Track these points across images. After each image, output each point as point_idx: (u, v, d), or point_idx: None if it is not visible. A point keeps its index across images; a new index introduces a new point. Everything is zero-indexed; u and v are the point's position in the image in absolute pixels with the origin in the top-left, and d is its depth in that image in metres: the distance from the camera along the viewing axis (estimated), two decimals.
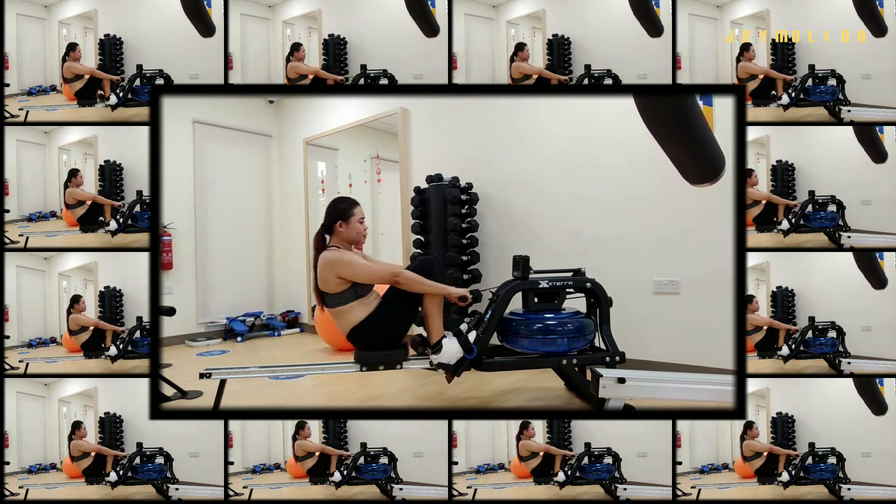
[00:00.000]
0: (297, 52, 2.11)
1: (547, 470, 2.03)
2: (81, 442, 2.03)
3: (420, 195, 3.77)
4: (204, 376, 2.29)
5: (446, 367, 2.30)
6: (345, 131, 4.93)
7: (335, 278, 2.27)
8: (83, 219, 2.06)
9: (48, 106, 2.05)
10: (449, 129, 4.06)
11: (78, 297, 2.07)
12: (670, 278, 2.99)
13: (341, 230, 2.38)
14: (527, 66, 2.10)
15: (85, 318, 2.06)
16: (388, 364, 2.30)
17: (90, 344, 2.06)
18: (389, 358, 2.31)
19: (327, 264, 2.29)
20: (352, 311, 2.30)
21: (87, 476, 2.02)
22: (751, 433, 2.01)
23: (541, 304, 2.43)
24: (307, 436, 2.05)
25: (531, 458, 2.03)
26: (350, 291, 2.30)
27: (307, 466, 2.03)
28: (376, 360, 2.30)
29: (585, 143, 3.30)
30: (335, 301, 2.31)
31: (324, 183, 5.40)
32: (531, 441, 2.03)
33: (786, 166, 2.04)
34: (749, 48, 2.03)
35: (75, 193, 2.06)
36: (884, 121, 1.99)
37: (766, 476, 2.00)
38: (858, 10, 1.99)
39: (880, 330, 2.00)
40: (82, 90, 2.04)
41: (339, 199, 2.45)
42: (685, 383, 2.19)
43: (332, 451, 2.04)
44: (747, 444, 2.01)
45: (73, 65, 2.03)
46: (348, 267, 2.27)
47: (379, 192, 5.56)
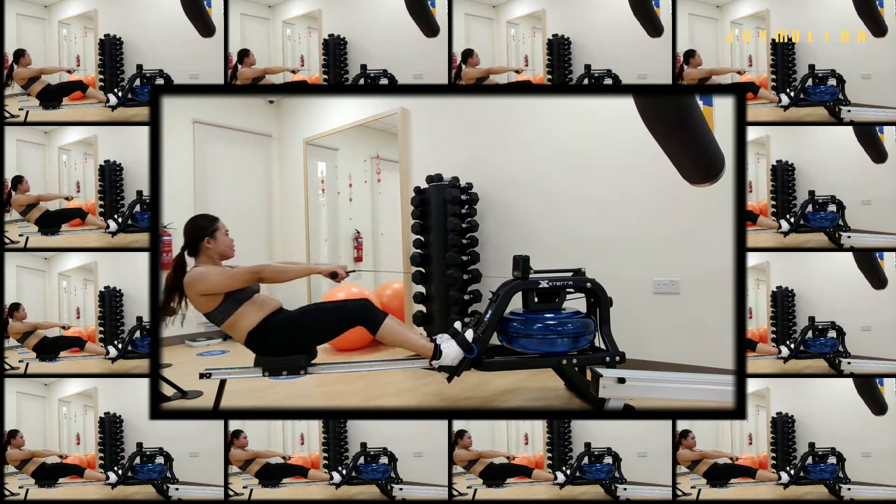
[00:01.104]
0: (247, 58, 2.08)
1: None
2: (14, 451, 2.00)
3: (420, 195, 3.77)
4: (204, 376, 2.30)
5: (449, 369, 2.30)
6: (345, 131, 4.93)
7: (200, 297, 2.24)
8: (41, 221, 2.04)
9: None
10: (449, 129, 4.06)
11: (17, 305, 2.04)
12: (670, 278, 2.99)
13: (209, 246, 2.34)
14: (473, 70, 2.08)
15: (23, 325, 2.03)
16: (291, 369, 2.26)
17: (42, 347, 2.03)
18: (291, 363, 2.26)
19: (187, 287, 2.24)
20: (240, 318, 2.26)
21: (36, 479, 2.00)
22: (686, 442, 1.99)
23: (541, 304, 2.43)
24: (243, 444, 2.02)
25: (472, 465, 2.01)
26: (227, 302, 2.25)
27: (253, 471, 2.01)
28: (278, 364, 2.26)
29: (585, 143, 3.30)
30: (218, 317, 2.27)
31: (324, 183, 5.41)
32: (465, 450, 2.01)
33: (786, 166, 2.04)
34: (694, 54, 2.02)
35: (19, 200, 2.03)
36: (884, 121, 1.99)
37: (716, 480, 1.99)
38: (858, 10, 1.99)
39: (880, 330, 2.00)
40: (44, 91, 2.02)
41: (199, 217, 2.42)
42: (685, 383, 2.19)
43: (266, 453, 2.01)
44: (680, 455, 1.99)
45: (22, 70, 2.01)
46: (203, 281, 2.23)
47: (379, 192, 5.57)
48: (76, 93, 2.04)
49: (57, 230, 2.04)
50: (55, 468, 2.01)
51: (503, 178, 3.71)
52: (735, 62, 2.05)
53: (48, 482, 2.00)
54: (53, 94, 2.03)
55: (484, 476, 2.00)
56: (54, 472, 2.01)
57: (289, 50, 2.14)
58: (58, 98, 2.03)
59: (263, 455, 2.01)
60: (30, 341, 2.03)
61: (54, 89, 2.04)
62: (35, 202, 2.04)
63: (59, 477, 2.01)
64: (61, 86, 2.04)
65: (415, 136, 4.31)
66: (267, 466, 2.00)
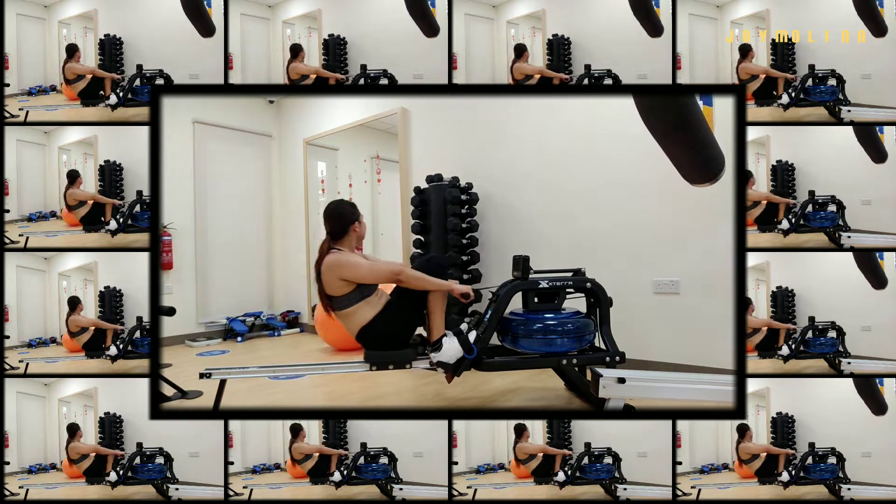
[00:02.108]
0: (301, 52, 2.11)
1: (547, 470, 2.03)
2: (79, 444, 2.02)
3: (420, 195, 3.77)
4: (204, 376, 2.30)
5: (445, 367, 2.30)
6: (345, 131, 4.93)
7: (338, 281, 2.28)
8: (86, 219, 2.06)
9: (48, 106, 2.05)
10: (449, 129, 4.06)
11: (76, 300, 2.07)
12: (670, 278, 2.99)
13: (356, 232, 2.41)
14: (527, 66, 2.10)
15: (84, 319, 2.06)
16: (397, 363, 2.32)
17: (91, 344, 2.06)
18: (399, 357, 2.33)
19: (329, 268, 2.29)
20: (358, 312, 2.31)
21: (87, 476, 2.02)
22: (746, 436, 2.01)
23: (541, 304, 2.43)
24: (303, 437, 2.05)
25: (529, 460, 2.03)
26: (355, 293, 2.30)
27: (307, 468, 2.03)
28: (386, 359, 2.31)
29: (585, 143, 3.30)
30: (341, 304, 2.31)
31: (324, 183, 5.40)
32: (527, 443, 2.03)
33: (786, 166, 2.04)
34: (749, 49, 2.03)
35: (76, 194, 2.06)
36: (884, 121, 1.99)
37: (766, 476, 2.00)
38: (858, 10, 1.99)
39: (880, 330, 2.00)
40: (85, 90, 2.04)
41: (342, 203, 2.46)
42: (685, 383, 2.19)
43: (329, 451, 2.04)
44: (743, 447, 2.01)
45: (75, 66, 2.03)
46: (350, 268, 2.28)
47: (379, 192, 5.56)
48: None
49: (100, 227, 2.07)
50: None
51: (503, 178, 3.71)
52: (735, 62, 2.05)
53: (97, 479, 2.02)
54: (92, 92, 2.05)
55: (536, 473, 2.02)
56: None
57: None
58: (95, 96, 2.05)
59: (327, 451, 2.03)
60: (82, 338, 2.06)
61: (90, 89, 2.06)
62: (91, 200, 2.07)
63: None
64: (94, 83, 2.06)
65: (415, 136, 4.31)
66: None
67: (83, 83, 2.04)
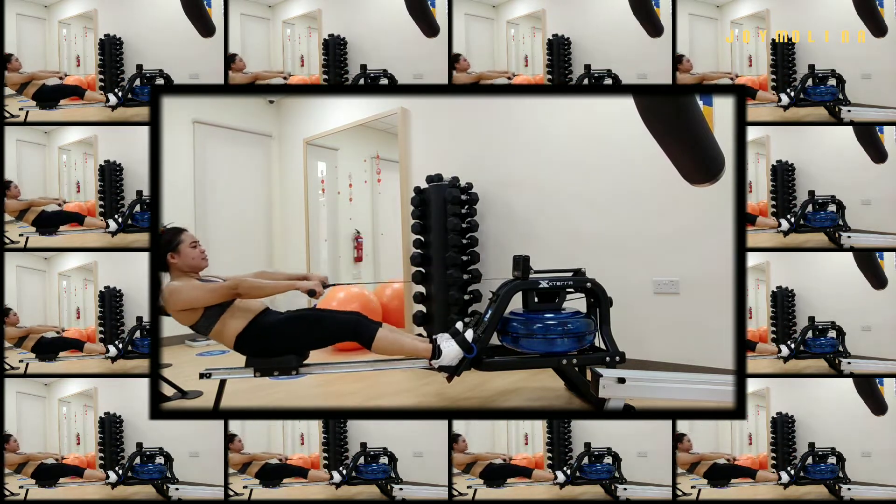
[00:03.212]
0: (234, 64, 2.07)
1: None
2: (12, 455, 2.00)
3: (420, 195, 3.77)
4: (204, 376, 2.30)
5: (448, 369, 2.30)
6: (345, 131, 4.93)
7: (181, 313, 2.24)
8: (37, 223, 2.03)
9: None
10: (449, 129, 4.06)
11: (7, 310, 2.02)
12: (670, 278, 2.99)
13: (174, 261, 2.31)
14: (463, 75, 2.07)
15: (17, 330, 2.03)
16: (282, 370, 2.27)
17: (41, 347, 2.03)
18: (281, 364, 2.27)
19: (165, 303, 2.23)
20: (225, 326, 2.27)
21: (37, 479, 2.00)
22: (682, 445, 1.99)
23: (541, 304, 2.43)
24: (239, 448, 2.02)
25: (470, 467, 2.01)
26: (210, 312, 2.26)
27: (253, 472, 2.01)
28: (268, 365, 2.27)
29: (585, 143, 3.30)
30: (204, 327, 2.27)
31: (324, 183, 5.41)
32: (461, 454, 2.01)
33: (786, 166, 2.04)
34: (682, 59, 2.02)
35: (12, 205, 2.02)
36: (884, 121, 1.99)
37: (715, 480, 1.99)
38: (858, 10, 1.99)
39: (880, 330, 2.00)
40: (38, 94, 2.02)
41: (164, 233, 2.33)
42: (685, 383, 2.19)
43: (262, 456, 2.01)
44: (680, 458, 1.99)
45: (12, 76, 2.00)
46: (182, 295, 2.22)
47: (379, 192, 5.57)
48: (73, 97, 2.04)
49: (55, 230, 2.04)
50: (54, 469, 2.01)
51: (503, 178, 3.71)
52: (735, 62, 2.05)
53: (48, 482, 2.00)
54: (49, 95, 2.03)
55: (484, 476, 2.00)
56: (53, 473, 2.01)
57: (289, 50, 2.14)
58: (55, 99, 2.03)
59: (260, 458, 2.01)
60: (27, 343, 2.03)
61: (49, 90, 2.03)
62: (27, 207, 2.03)
63: (58, 477, 2.01)
64: (57, 87, 2.04)
65: (415, 136, 4.31)
66: (266, 468, 2.00)
67: (34, 87, 2.01)
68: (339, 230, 5.51)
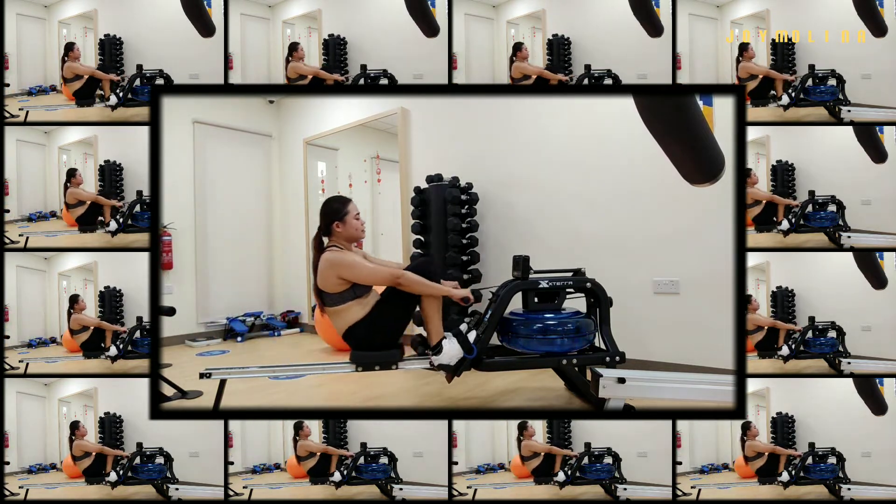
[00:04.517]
0: (296, 52, 2.11)
1: (548, 470, 2.03)
2: (84, 442, 2.03)
3: (420, 195, 3.76)
4: (204, 376, 2.29)
5: (447, 368, 2.30)
6: (345, 131, 4.93)
7: (336, 279, 2.28)
8: (82, 219, 2.06)
9: (48, 106, 2.05)
10: (449, 129, 4.06)
11: (77, 297, 2.07)
12: (670, 278, 2.99)
13: (339, 230, 2.38)
14: (527, 65, 2.10)
15: (86, 318, 2.06)
16: (383, 364, 2.30)
17: (90, 344, 2.06)
18: (385, 358, 2.31)
19: (329, 265, 2.28)
20: (349, 310, 2.30)
21: (87, 476, 2.02)
22: (750, 433, 2.01)
23: (541, 304, 2.43)
24: (307, 435, 2.05)
25: (533, 458, 2.03)
26: (349, 291, 2.30)
27: (308, 466, 2.03)
28: (372, 360, 2.30)
29: (585, 143, 3.30)
30: (334, 301, 2.31)
31: (324, 183, 5.40)
32: (533, 441, 2.03)
33: (786, 166, 2.04)
34: (748, 48, 2.03)
35: (76, 193, 2.06)
36: (884, 121, 1.99)
37: (767, 476, 2.00)
38: (858, 10, 1.99)
39: (880, 330, 2.00)
40: (81, 90, 2.04)
41: (332, 200, 2.44)
42: (685, 383, 2.19)
43: (333, 451, 2.04)
44: (749, 445, 2.01)
45: (74, 65, 2.03)
46: (350, 268, 2.28)
47: (379, 192, 5.56)
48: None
49: (95, 228, 2.07)
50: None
51: (503, 178, 3.71)
52: (735, 62, 2.05)
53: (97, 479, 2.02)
54: (88, 92, 2.05)
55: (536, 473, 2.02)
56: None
57: (287, 50, 2.13)
58: (91, 96, 2.05)
59: (331, 451, 2.04)
60: (80, 336, 2.06)
61: (85, 90, 2.05)
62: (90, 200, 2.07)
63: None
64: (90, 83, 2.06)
65: (415, 136, 4.31)
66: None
67: (80, 83, 2.04)
68: None
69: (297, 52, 2.11)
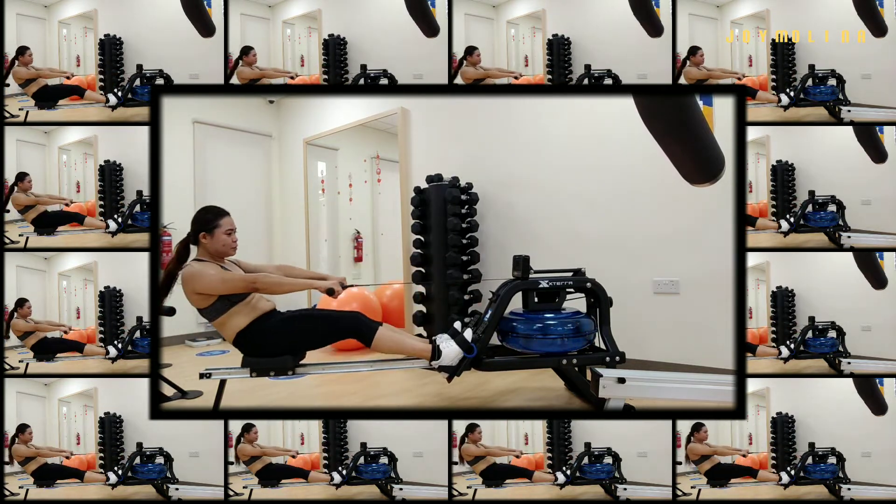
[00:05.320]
0: (246, 56, 2.06)
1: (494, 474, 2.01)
2: (20, 446, 1.99)
3: (420, 195, 3.77)
4: (204, 376, 2.30)
5: (448, 369, 2.30)
6: (345, 131, 4.93)
7: (194, 295, 2.24)
8: (37, 221, 2.03)
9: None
10: (449, 129, 4.06)
11: (24, 301, 2.03)
12: (670, 278, 2.99)
13: (205, 241, 2.35)
14: (474, 70, 2.07)
15: (26, 324, 2.03)
16: (278, 370, 2.27)
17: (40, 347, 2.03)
18: (278, 364, 2.27)
19: (185, 282, 2.24)
20: (229, 321, 2.27)
21: (35, 479, 1.99)
22: (697, 436, 1.99)
23: (541, 304, 2.43)
24: (253, 439, 2.02)
25: (477, 461, 2.01)
26: (219, 303, 2.26)
27: (255, 469, 2.01)
28: (264, 365, 2.27)
29: (585, 143, 3.30)
30: (209, 315, 2.28)
31: (324, 183, 5.41)
32: (472, 446, 2.01)
33: (786, 166, 2.04)
34: (697, 51, 2.02)
35: (19, 199, 2.02)
36: (884, 121, 1.99)
37: (716, 480, 1.98)
38: (858, 10, 1.99)
39: (880, 330, 2.00)
40: (39, 92, 2.01)
41: (207, 209, 2.38)
42: (685, 383, 2.19)
43: (273, 452, 2.01)
44: (691, 448, 1.99)
45: (20, 69, 2.00)
46: (201, 281, 2.23)
47: (379, 192, 5.57)
48: (73, 96, 2.04)
49: (53, 231, 2.04)
50: (55, 470, 2.01)
51: (503, 178, 3.71)
52: (735, 62, 2.05)
53: (47, 483, 2.00)
54: (50, 95, 2.03)
55: (485, 476, 2.00)
56: (54, 474, 2.00)
57: (289, 50, 2.14)
58: (53, 99, 2.03)
59: (270, 453, 2.01)
60: (29, 341, 2.03)
61: (51, 91, 2.03)
62: (34, 203, 2.03)
63: (57, 479, 2.00)
64: (58, 87, 2.04)
65: (415, 136, 4.31)
66: (269, 466, 2.00)
67: (36, 85, 2.02)
68: (339, 230, 5.51)
69: (247, 57, 2.06)
